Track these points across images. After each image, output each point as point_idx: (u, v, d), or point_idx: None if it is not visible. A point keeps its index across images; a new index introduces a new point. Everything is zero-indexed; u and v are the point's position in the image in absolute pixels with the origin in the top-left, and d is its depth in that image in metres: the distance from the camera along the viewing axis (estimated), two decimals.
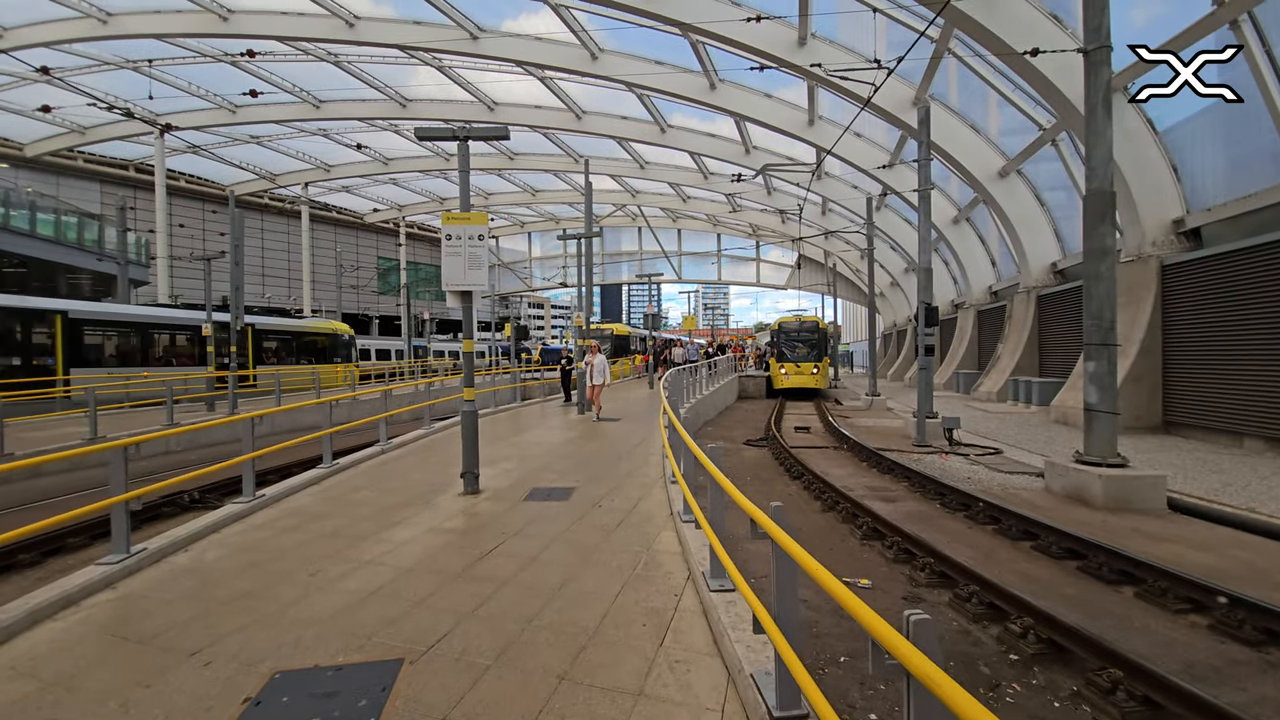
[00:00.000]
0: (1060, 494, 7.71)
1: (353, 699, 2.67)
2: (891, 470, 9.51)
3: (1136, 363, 12.19)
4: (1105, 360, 7.44)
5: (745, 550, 4.98)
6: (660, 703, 2.65)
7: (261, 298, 35.17)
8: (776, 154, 23.71)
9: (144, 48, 18.98)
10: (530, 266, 46.50)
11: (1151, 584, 4.64)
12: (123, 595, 3.92)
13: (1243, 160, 11.14)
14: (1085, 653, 3.59)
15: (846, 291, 41.83)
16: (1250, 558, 5.44)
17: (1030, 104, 14.91)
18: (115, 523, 4.35)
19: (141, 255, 24.95)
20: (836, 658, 3.84)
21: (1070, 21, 11.83)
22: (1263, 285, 10.05)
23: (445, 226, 6.15)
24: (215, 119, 23.76)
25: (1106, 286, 7.45)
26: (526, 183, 34.11)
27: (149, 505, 7.96)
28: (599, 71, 18.33)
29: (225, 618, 3.50)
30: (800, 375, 24.21)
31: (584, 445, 9.49)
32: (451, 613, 3.52)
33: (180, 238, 28.72)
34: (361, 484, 6.89)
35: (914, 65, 15.25)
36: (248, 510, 5.64)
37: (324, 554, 4.53)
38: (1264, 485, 7.74)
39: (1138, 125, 12.23)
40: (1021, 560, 5.56)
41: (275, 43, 18.70)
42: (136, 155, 29.35)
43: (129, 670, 2.97)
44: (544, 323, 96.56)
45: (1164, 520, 6.66)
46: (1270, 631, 3.87)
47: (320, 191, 34.75)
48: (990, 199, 17.88)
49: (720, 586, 3.54)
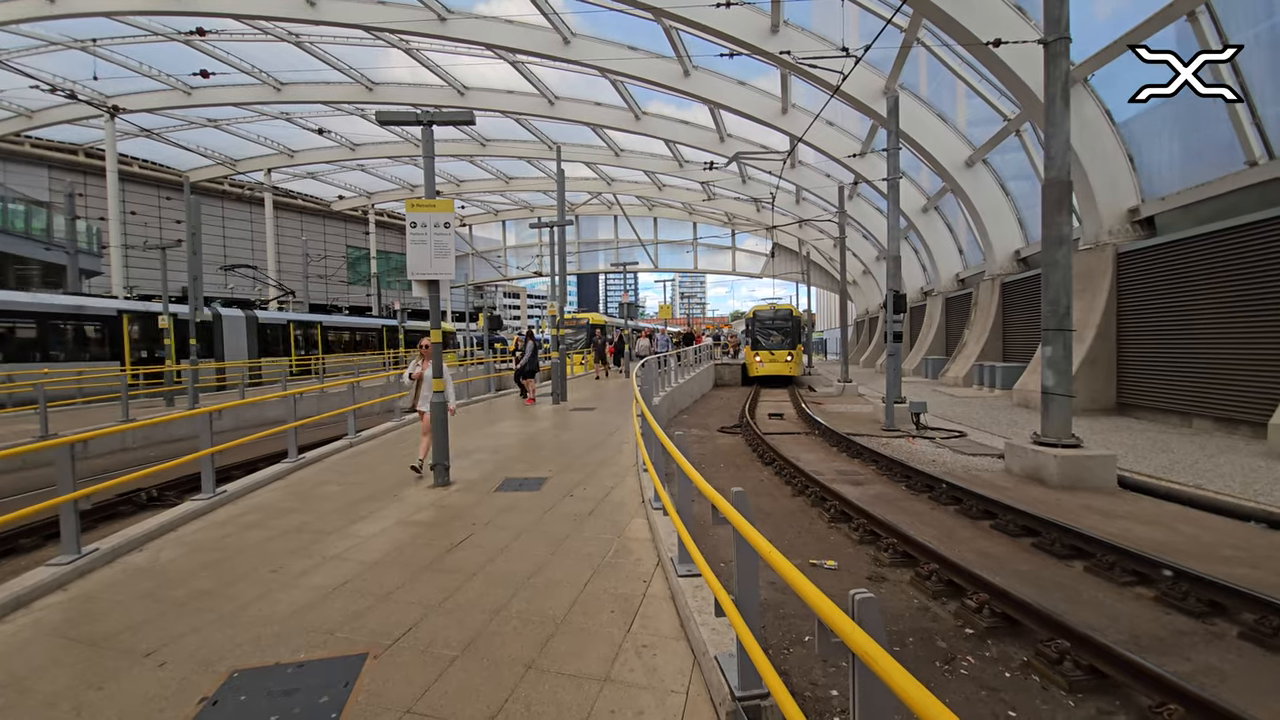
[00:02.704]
0: (1019, 474, 7.99)
1: (314, 695, 2.63)
2: (860, 454, 9.72)
3: (1093, 347, 12.64)
4: (1061, 345, 7.70)
5: (715, 535, 5.04)
6: (626, 687, 2.69)
7: (224, 288, 33.99)
8: (751, 142, 23.72)
9: (93, 26, 17.96)
10: (505, 255, 45.85)
11: (1100, 558, 4.85)
12: (74, 597, 3.81)
13: (1195, 151, 11.55)
14: (1036, 625, 3.74)
15: (820, 279, 42.32)
16: (1196, 532, 5.72)
17: (996, 95, 15.19)
18: (64, 522, 4.21)
19: (93, 244, 23.84)
20: (802, 637, 3.93)
21: (1034, 13, 12.05)
22: (1212, 272, 10.49)
23: (410, 214, 6.01)
24: (169, 101, 22.68)
25: (1063, 273, 7.69)
26: (500, 170, 33.52)
27: (104, 504, 7.69)
28: (571, 56, 18.03)
29: (181, 618, 3.41)
30: (775, 363, 24.50)
31: (558, 435, 9.47)
32: (419, 605, 3.49)
33: (134, 225, 27.47)
34: (328, 478, 6.77)
35: (885, 55, 15.40)
36: (208, 507, 5.49)
37: (287, 550, 4.44)
38: (1211, 463, 8.13)
39: (1096, 116, 12.57)
40: (980, 539, 5.76)
41: (232, 21, 17.89)
42: (87, 139, 27.86)
43: (81, 672, 2.89)
44: (520, 312, 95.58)
45: (1115, 498, 6.96)
46: (1213, 603, 4.03)
47: (284, 178, 33.58)
48: (958, 188, 18.23)
49: (688, 572, 3.59)
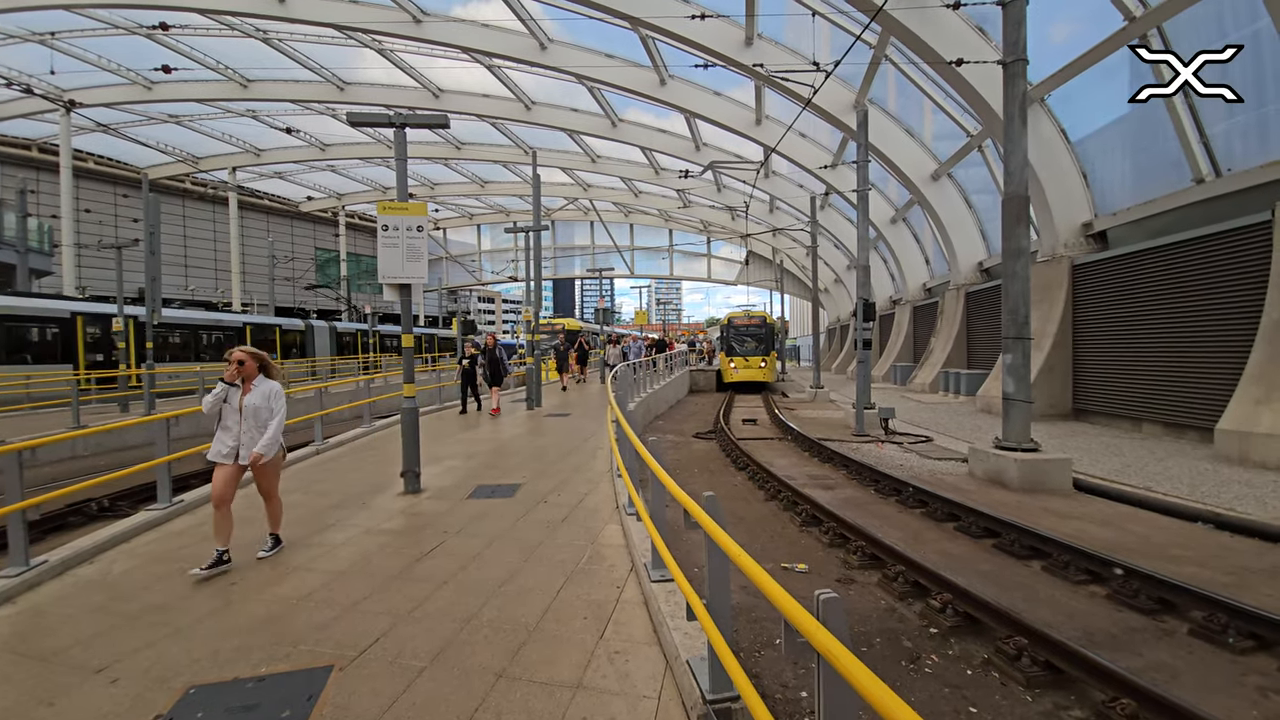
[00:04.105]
0: (982, 478, 8.25)
1: (275, 710, 2.56)
2: (831, 459, 9.90)
3: (1050, 355, 13.15)
4: (1020, 353, 8.00)
5: (689, 540, 5.08)
6: (598, 694, 2.68)
7: (185, 290, 32.80)
8: (726, 151, 24.06)
9: (52, 20, 17.26)
10: (480, 259, 45.39)
11: (1057, 558, 5.04)
12: (22, 610, 3.64)
13: (1146, 168, 12.17)
14: (995, 623, 3.87)
15: (793, 287, 43.03)
16: (1146, 532, 5.98)
17: (960, 111, 15.75)
18: (12, 534, 4.04)
19: (44, 243, 22.77)
20: (773, 640, 3.98)
21: (995, 34, 12.56)
22: (1161, 284, 11.04)
23: (382, 216, 5.93)
24: (128, 95, 21.88)
25: (1021, 284, 8.00)
26: (475, 173, 33.23)
27: (52, 514, 7.34)
28: (548, 62, 18.05)
29: (135, 632, 3.28)
30: (749, 369, 24.78)
31: (532, 441, 9.40)
32: (387, 615, 3.42)
33: (88, 224, 26.35)
34: (293, 486, 6.56)
35: (855, 70, 15.84)
36: (163, 517, 5.28)
37: (247, 562, 4.30)
38: (1160, 466, 8.53)
39: (1052, 134, 13.16)
40: (945, 540, 5.92)
41: (197, 16, 17.38)
42: (41, 134, 26.65)
43: (31, 689, 2.77)
44: (495, 317, 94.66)
45: (1071, 500, 7.24)
46: (1163, 600, 4.21)
47: (250, 177, 32.63)
48: (924, 200, 18.81)
49: (661, 577, 3.60)
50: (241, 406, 4.26)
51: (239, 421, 4.25)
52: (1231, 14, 10.04)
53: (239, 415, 4.25)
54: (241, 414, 4.25)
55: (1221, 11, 10.16)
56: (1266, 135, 9.66)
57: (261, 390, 4.33)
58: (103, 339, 16.60)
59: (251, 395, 4.29)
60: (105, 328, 16.43)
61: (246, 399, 4.27)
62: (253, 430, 4.26)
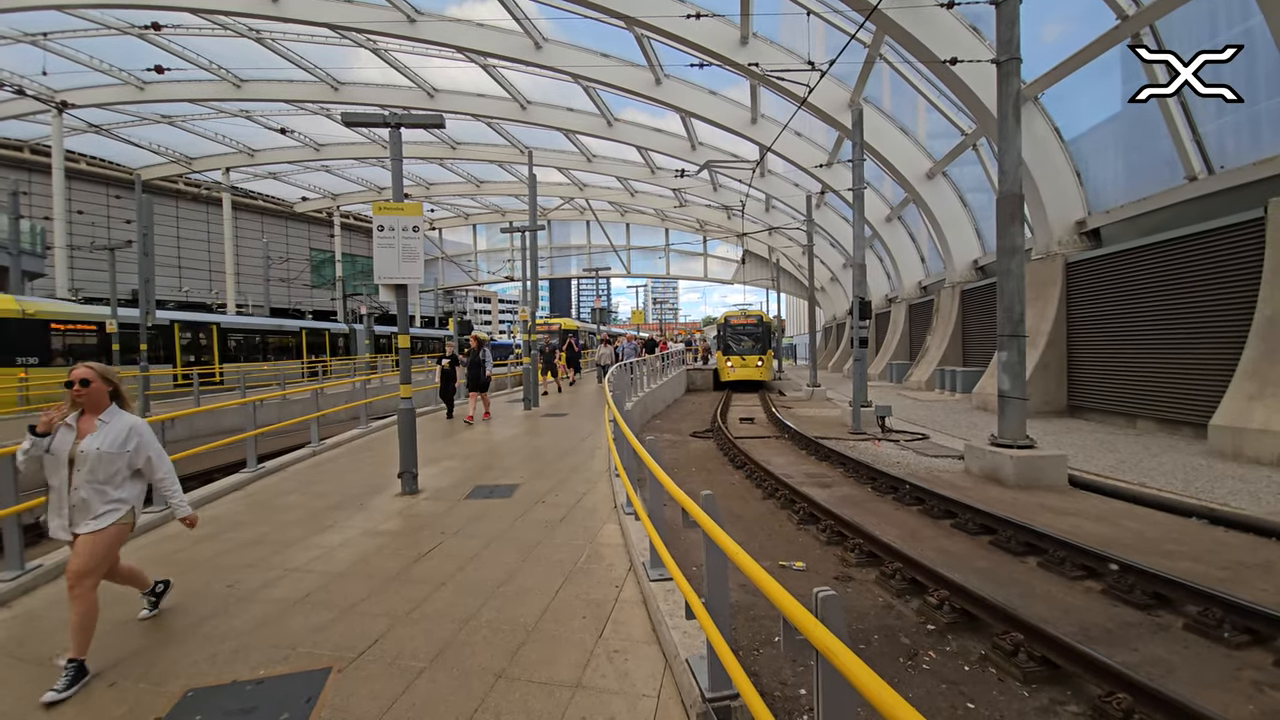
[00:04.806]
0: (978, 474, 8.28)
1: (274, 712, 2.56)
2: (828, 457, 9.92)
3: (1045, 352, 13.21)
4: (1015, 350, 8.04)
5: (687, 539, 5.08)
6: (598, 693, 2.69)
7: (178, 291, 32.61)
8: (722, 150, 24.06)
9: (44, 20, 17.15)
10: (475, 259, 45.29)
11: (1052, 554, 5.07)
12: (18, 614, 3.63)
13: (1139, 166, 12.24)
14: (992, 619, 3.88)
15: (790, 286, 43.11)
16: (1140, 528, 6.01)
17: (954, 110, 15.81)
18: (7, 537, 4.03)
19: (36, 244, 22.62)
20: (772, 638, 3.99)
21: (989, 33, 12.60)
22: (1155, 281, 11.10)
23: (377, 217, 5.91)
24: (121, 96, 21.73)
25: (1016, 282, 8.04)
26: (470, 173, 33.14)
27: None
28: (543, 61, 18.01)
29: (130, 636, 3.26)
30: (746, 368, 24.81)
31: (530, 441, 9.39)
32: (385, 616, 3.42)
33: (81, 225, 26.21)
34: (290, 488, 6.56)
35: (850, 69, 15.87)
36: (157, 521, 5.25)
37: (244, 563, 4.29)
38: (1154, 462, 8.57)
39: (1046, 133, 13.21)
40: (942, 537, 5.94)
41: (190, 16, 17.28)
42: (33, 135, 26.43)
43: (27, 693, 2.75)
44: (491, 317, 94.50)
45: (1066, 496, 7.28)
46: (1158, 595, 4.23)
47: (244, 178, 32.48)
48: (919, 199, 18.87)
49: (659, 576, 3.61)
50: (74, 455, 2.77)
51: (67, 479, 2.78)
52: (1224, 12, 10.10)
53: (67, 469, 2.77)
54: (72, 466, 2.77)
55: (1214, 9, 10.22)
56: (1259, 132, 9.72)
57: (114, 429, 2.87)
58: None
59: (96, 436, 2.82)
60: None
61: (86, 442, 2.80)
62: (94, 489, 2.79)
